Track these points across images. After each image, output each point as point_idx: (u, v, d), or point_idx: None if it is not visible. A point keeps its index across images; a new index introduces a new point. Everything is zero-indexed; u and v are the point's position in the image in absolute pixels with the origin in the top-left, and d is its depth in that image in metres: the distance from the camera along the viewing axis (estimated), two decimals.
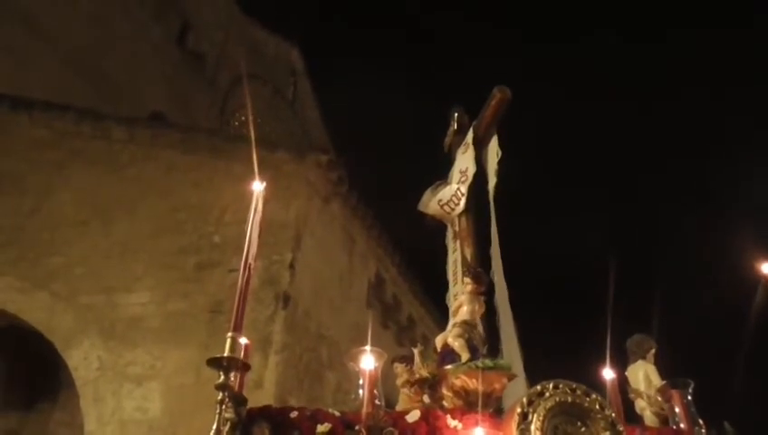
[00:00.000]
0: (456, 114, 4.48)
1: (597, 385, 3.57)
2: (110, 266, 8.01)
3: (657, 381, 3.85)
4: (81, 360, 7.48)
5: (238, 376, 3.13)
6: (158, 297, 7.70)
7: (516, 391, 3.12)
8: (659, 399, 3.63)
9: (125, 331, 7.53)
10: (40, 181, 8.85)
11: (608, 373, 3.75)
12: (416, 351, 3.58)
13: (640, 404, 3.89)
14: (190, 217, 8.21)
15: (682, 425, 3.07)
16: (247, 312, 7.23)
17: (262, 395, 6.41)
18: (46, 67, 11.72)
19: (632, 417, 3.76)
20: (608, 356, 3.85)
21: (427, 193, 4.32)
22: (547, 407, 2.61)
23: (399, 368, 3.56)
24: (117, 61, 13.77)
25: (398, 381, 3.54)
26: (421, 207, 4.37)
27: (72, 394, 7.70)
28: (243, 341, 3.38)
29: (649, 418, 3.76)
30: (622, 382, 3.90)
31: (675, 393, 3.22)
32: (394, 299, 10.83)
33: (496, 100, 4.00)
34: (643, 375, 3.95)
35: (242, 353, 3.29)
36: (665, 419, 3.52)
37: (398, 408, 3.36)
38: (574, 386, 2.70)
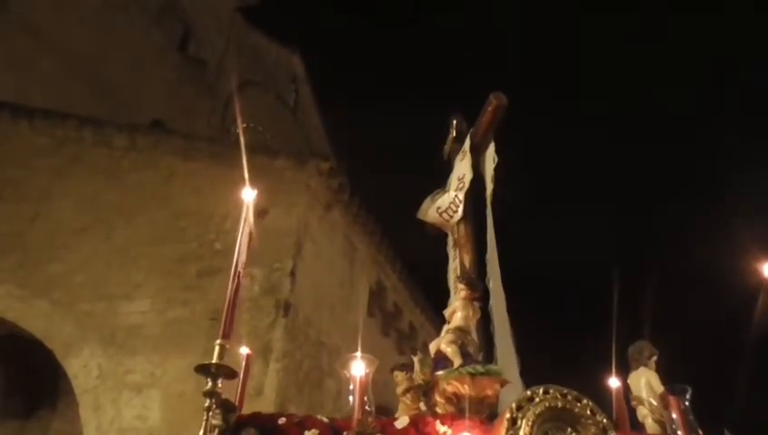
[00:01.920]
0: (454, 121, 4.46)
1: (602, 393, 3.55)
2: (111, 274, 8.00)
3: (658, 388, 3.82)
4: (81, 368, 7.47)
5: (240, 385, 3.12)
6: (159, 305, 7.69)
7: (513, 397, 3.08)
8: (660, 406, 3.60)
9: (125, 339, 7.53)
10: (40, 188, 8.85)
11: (613, 382, 3.71)
12: (415, 359, 3.55)
13: (642, 412, 3.86)
14: (191, 225, 8.21)
15: (680, 432, 3.01)
16: (248, 319, 7.27)
17: (262, 402, 6.41)
18: (47, 74, 11.75)
19: (636, 425, 3.73)
20: (614, 364, 3.82)
21: (427, 201, 4.30)
22: (537, 412, 2.56)
23: (399, 376, 3.51)
24: (118, 67, 13.79)
25: (398, 390, 3.50)
26: (420, 214, 4.35)
27: (72, 402, 7.69)
28: (244, 351, 3.37)
29: (651, 425, 3.72)
30: (626, 390, 3.88)
31: (672, 400, 3.16)
32: (395, 306, 10.81)
33: (492, 106, 3.98)
34: (644, 382, 3.92)
35: (243, 363, 3.29)
36: None
37: (398, 416, 3.33)
38: (565, 391, 2.64)
